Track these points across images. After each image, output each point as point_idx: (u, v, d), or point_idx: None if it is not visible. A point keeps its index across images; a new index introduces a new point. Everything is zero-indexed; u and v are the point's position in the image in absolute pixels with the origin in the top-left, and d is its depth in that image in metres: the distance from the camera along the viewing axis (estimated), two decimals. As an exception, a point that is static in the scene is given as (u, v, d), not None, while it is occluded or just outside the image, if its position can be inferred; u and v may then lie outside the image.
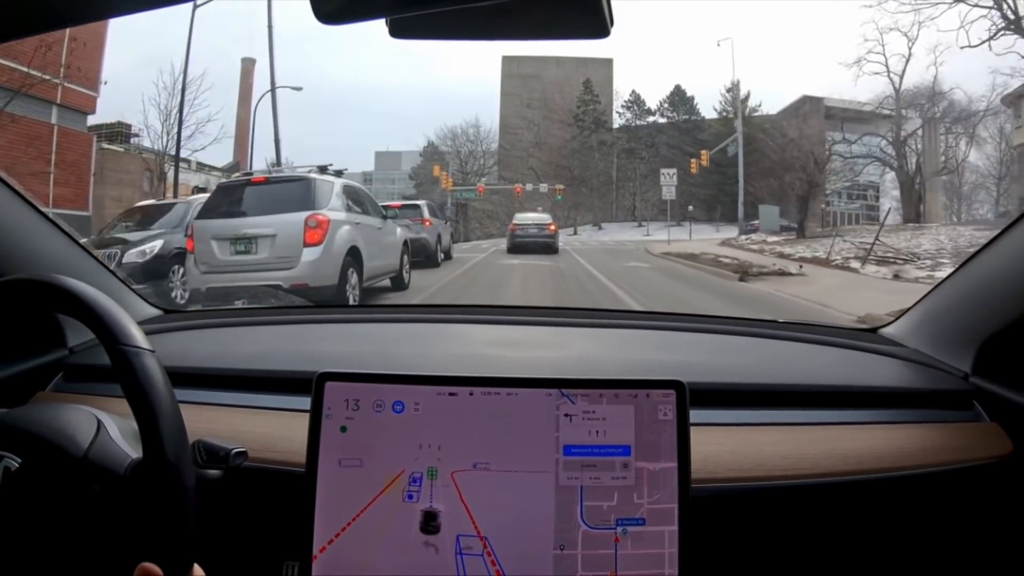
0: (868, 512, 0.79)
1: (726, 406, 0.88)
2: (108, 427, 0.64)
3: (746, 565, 0.78)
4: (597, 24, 0.50)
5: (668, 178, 21.07)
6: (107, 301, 0.62)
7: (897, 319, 1.11)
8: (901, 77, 20.78)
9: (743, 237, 18.09)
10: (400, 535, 0.64)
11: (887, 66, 20.98)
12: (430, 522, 0.64)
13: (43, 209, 0.98)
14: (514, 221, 14.90)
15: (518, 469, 0.65)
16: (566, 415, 0.66)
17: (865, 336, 1.11)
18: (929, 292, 1.04)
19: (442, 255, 10.82)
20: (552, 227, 14.06)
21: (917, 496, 0.79)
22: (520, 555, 0.64)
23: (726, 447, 0.80)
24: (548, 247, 13.60)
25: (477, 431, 0.66)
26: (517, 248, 13.55)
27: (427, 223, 10.29)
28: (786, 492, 0.77)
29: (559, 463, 0.65)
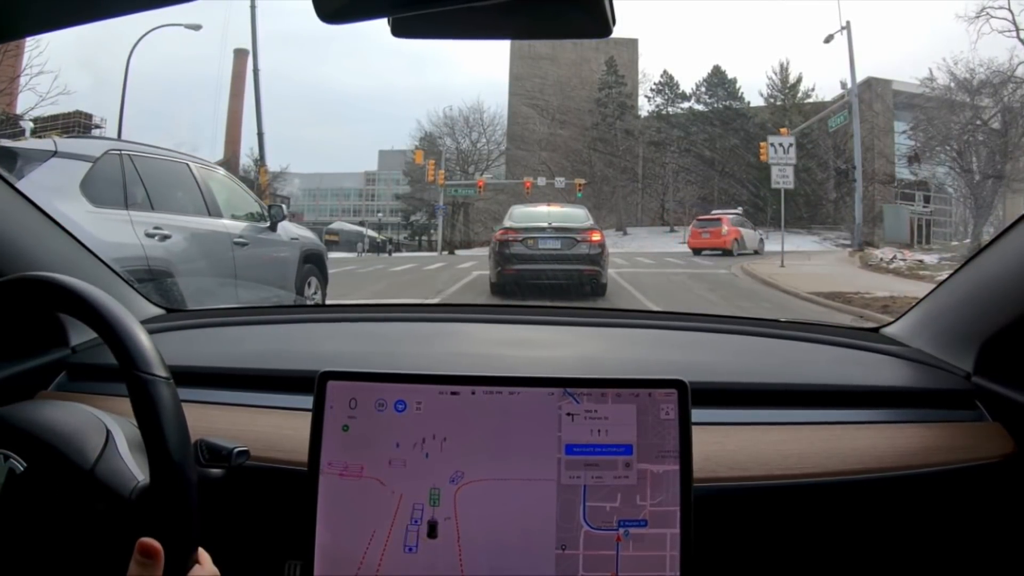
0: (870, 512, 0.79)
1: (728, 405, 0.88)
2: (116, 438, 0.63)
3: (748, 565, 0.78)
4: (599, 23, 0.51)
5: (781, 151, 11.62)
6: (123, 313, 0.61)
7: (899, 318, 1.11)
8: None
9: (877, 253, 11.02)
10: (401, 535, 0.64)
11: (1015, 22, 13.98)
12: (432, 524, 0.64)
13: (44, 208, 0.98)
14: (508, 221, 7.62)
15: (520, 468, 0.65)
16: (568, 414, 0.66)
17: (867, 335, 1.11)
18: (931, 292, 1.04)
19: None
20: (595, 235, 7.05)
21: (919, 496, 0.79)
22: (522, 555, 0.64)
23: (728, 446, 0.80)
24: (585, 280, 6.78)
25: (479, 430, 0.66)
26: (513, 282, 6.84)
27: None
28: (788, 492, 0.77)
29: (561, 462, 0.65)
